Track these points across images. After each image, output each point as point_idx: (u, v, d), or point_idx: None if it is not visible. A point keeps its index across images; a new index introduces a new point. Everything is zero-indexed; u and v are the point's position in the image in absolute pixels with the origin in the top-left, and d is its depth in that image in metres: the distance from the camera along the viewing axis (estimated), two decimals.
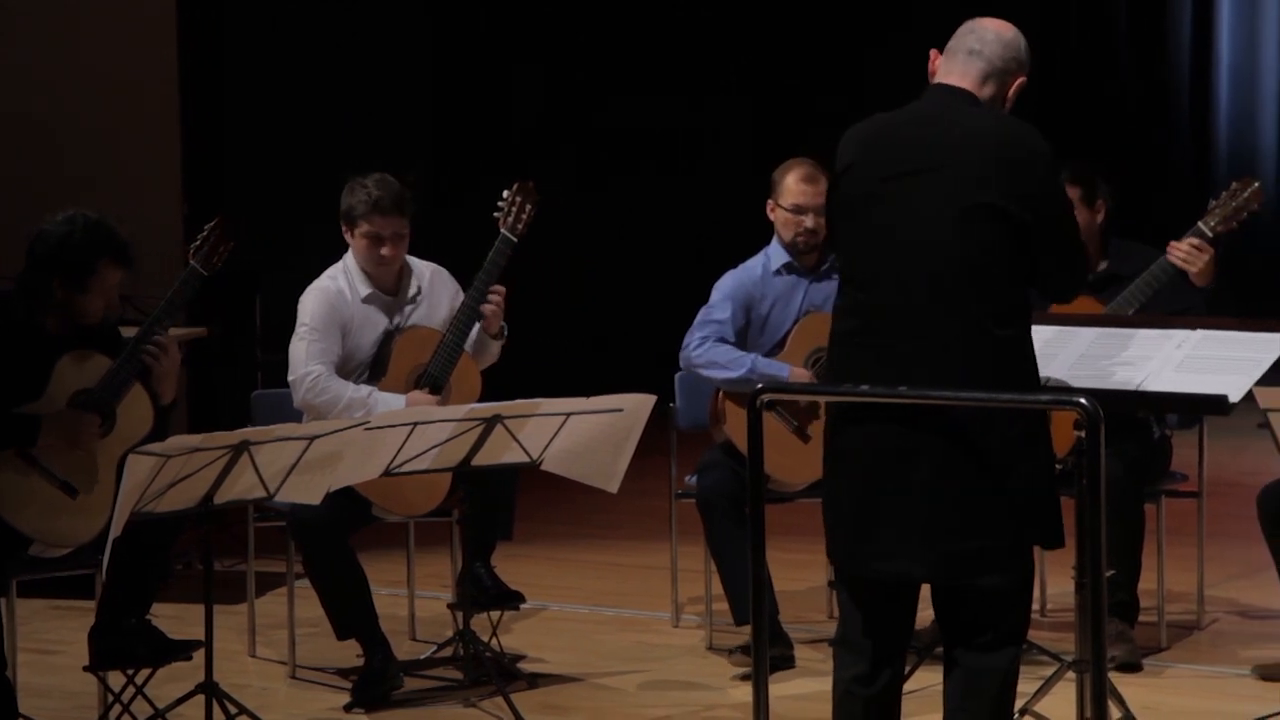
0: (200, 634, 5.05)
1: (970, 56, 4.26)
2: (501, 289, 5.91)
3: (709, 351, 6.03)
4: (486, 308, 5.89)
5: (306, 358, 5.83)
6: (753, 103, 12.76)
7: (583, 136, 12.26)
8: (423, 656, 6.09)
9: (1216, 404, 4.66)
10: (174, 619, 5.84)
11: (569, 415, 5.36)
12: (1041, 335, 4.36)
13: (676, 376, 6.35)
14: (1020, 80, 4.30)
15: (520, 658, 6.11)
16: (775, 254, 6.13)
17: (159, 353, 5.27)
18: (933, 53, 4.34)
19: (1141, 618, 5.98)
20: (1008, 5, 4.43)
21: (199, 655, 5.13)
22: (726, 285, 6.14)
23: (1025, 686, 4.46)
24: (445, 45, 11.65)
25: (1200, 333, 4.85)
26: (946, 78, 4.27)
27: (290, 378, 5.87)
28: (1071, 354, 4.74)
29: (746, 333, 6.10)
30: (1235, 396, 4.65)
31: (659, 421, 5.87)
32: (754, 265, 6.17)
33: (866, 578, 4.24)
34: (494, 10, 11.87)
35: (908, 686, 4.45)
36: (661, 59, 12.44)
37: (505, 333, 5.98)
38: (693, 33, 12.52)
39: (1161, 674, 5.85)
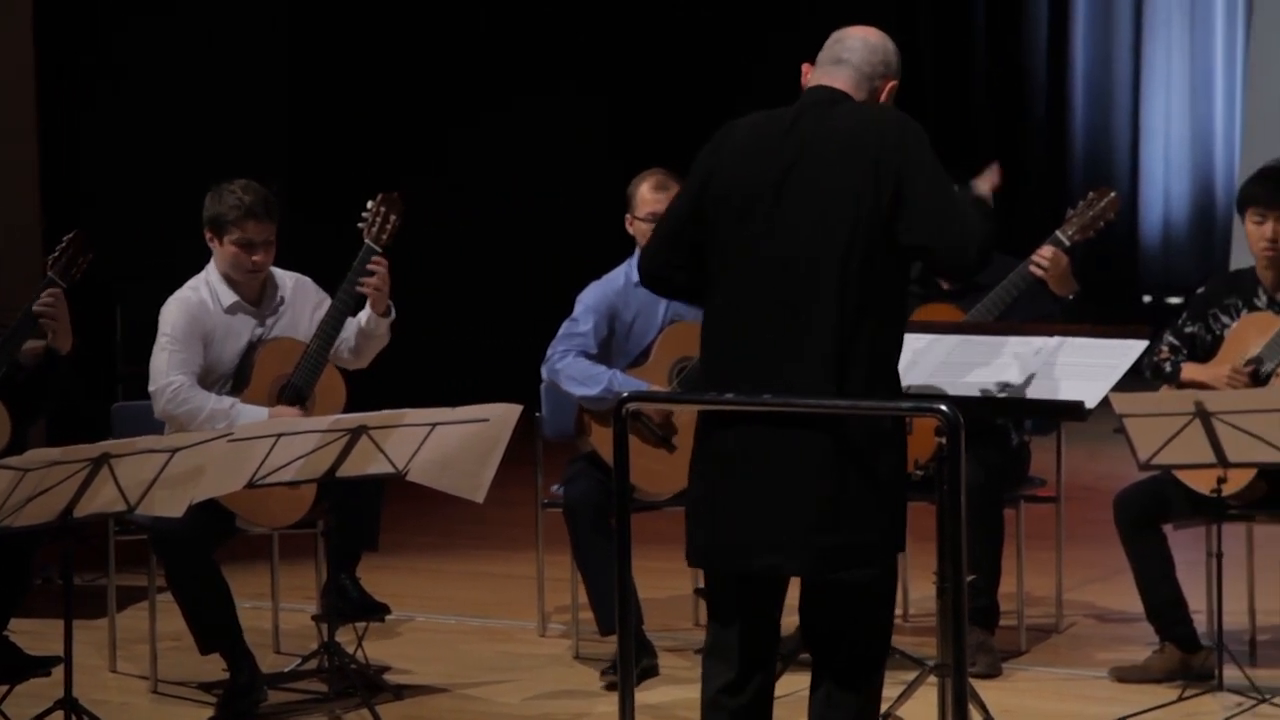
0: (60, 649, 4.99)
1: (838, 65, 4.28)
2: (383, 260, 5.86)
3: (569, 366, 6.05)
4: (369, 281, 5.84)
5: (168, 369, 5.77)
6: (614, 113, 12.79)
7: (447, 146, 12.23)
8: (287, 669, 6.05)
9: (1074, 410, 4.74)
10: (32, 635, 5.77)
11: (434, 426, 5.35)
12: (905, 343, 4.40)
13: (542, 387, 6.36)
14: (891, 85, 4.31)
15: (386, 669, 6.09)
16: (637, 265, 6.15)
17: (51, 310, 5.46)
18: (805, 66, 4.35)
19: (1001, 622, 6.06)
20: (864, 14, 4.45)
21: (58, 671, 5.07)
22: (589, 297, 6.15)
23: (888, 691, 4.50)
24: (301, 53, 11.58)
25: (1057, 340, 4.92)
26: (817, 79, 4.29)
27: (151, 389, 5.81)
28: (933, 361, 4.79)
29: (610, 344, 6.12)
30: (1092, 402, 4.73)
31: (525, 431, 5.87)
32: (616, 276, 6.19)
33: (735, 575, 4.25)
34: (350, 18, 11.82)
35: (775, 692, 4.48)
36: (523, 70, 12.44)
37: (393, 311, 5.94)
38: (554, 43, 12.53)
39: (1021, 677, 5.93)
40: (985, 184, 4.67)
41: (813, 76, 4.30)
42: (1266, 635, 6.24)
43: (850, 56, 4.28)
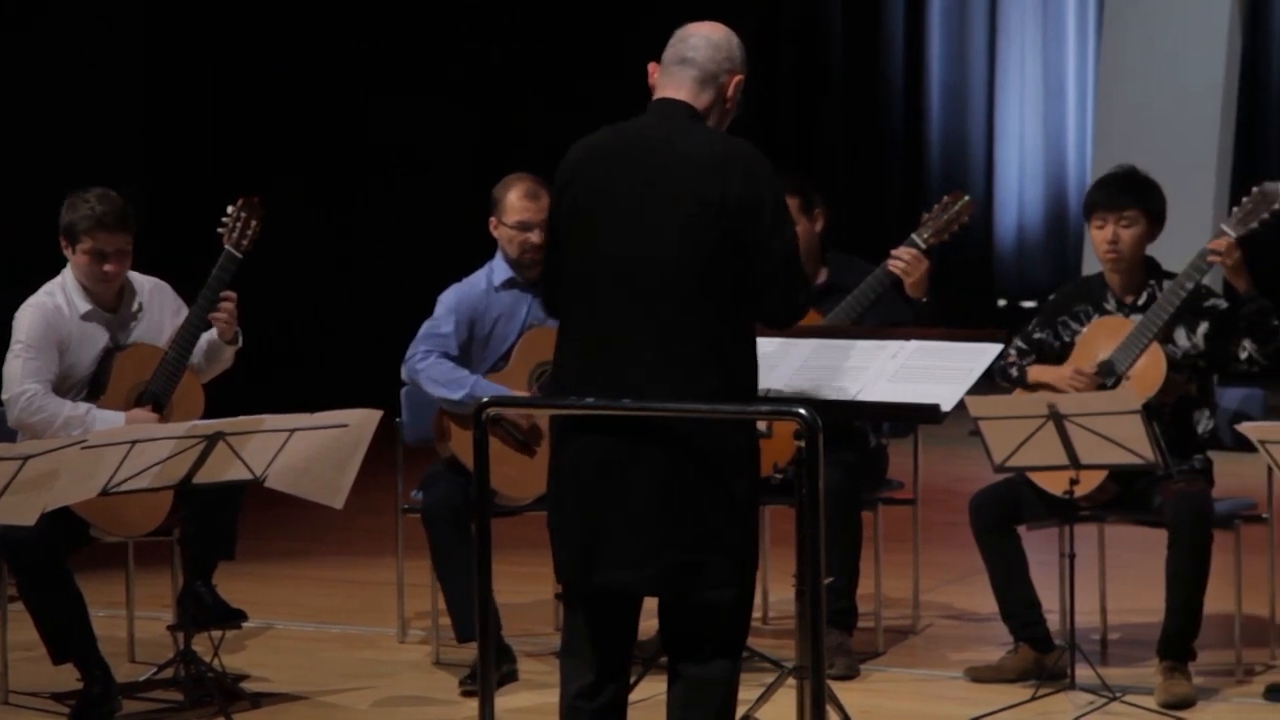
0: None
1: (683, 66, 4.30)
2: (232, 295, 5.83)
3: (431, 367, 6.02)
4: (217, 315, 5.81)
5: (22, 376, 5.69)
6: (475, 117, 12.77)
7: (307, 149, 12.14)
8: (142, 678, 5.98)
9: (930, 413, 4.79)
10: None
11: (293, 431, 5.31)
12: (763, 348, 4.43)
13: (402, 391, 6.33)
14: (738, 79, 4.32)
15: (243, 677, 6.03)
16: (499, 269, 6.15)
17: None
18: (651, 66, 4.38)
19: (859, 623, 6.11)
20: (721, 18, 4.47)
21: None
22: (450, 299, 6.13)
23: (747, 693, 4.54)
24: (157, 59, 11.45)
25: (914, 343, 4.98)
26: (664, 91, 4.32)
27: (4, 396, 5.72)
28: (792, 365, 4.83)
29: (470, 347, 6.10)
30: (947, 405, 4.79)
31: (385, 436, 5.84)
32: (478, 279, 6.17)
33: (589, 591, 4.27)
34: (208, 24, 11.70)
35: (633, 696, 4.49)
36: (384, 73, 12.38)
37: (240, 338, 5.91)
38: (415, 46, 12.48)
39: (878, 678, 5.99)
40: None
41: (660, 78, 4.33)
42: (1117, 634, 6.34)
43: (695, 55, 4.29)
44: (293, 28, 11.99)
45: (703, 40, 4.31)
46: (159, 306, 5.93)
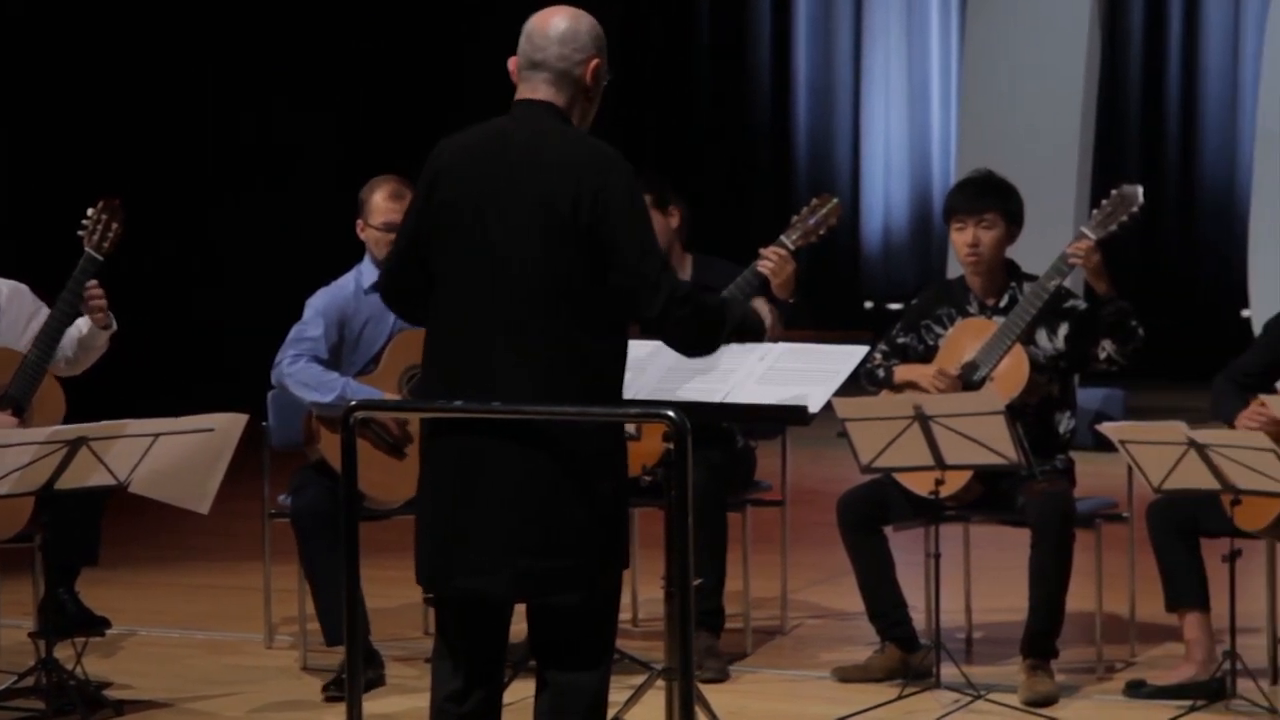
0: None
1: (535, 70, 4.27)
2: (99, 288, 5.75)
3: (300, 371, 5.98)
4: (91, 305, 5.73)
5: None
6: (342, 117, 12.70)
7: (172, 152, 12.02)
8: (3, 687, 5.88)
9: (797, 414, 4.82)
10: None
11: (157, 436, 5.25)
12: (633, 350, 4.44)
13: (269, 395, 6.28)
14: (594, 63, 4.26)
15: (107, 685, 5.95)
16: (367, 271, 6.12)
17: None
18: (511, 62, 4.35)
19: (728, 625, 6.14)
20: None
21: None
22: (319, 302, 6.09)
23: (616, 695, 4.54)
24: (13, 64, 11.28)
25: (782, 345, 5.00)
26: (524, 93, 4.29)
27: None
28: (660, 367, 4.84)
29: (340, 350, 6.07)
30: (815, 407, 4.82)
31: (251, 440, 5.79)
32: (346, 282, 6.14)
33: (449, 596, 4.27)
34: (64, 26, 11.55)
35: (504, 699, 4.48)
36: (249, 74, 12.28)
37: (114, 323, 5.83)
38: (274, 50, 12.39)
39: (747, 679, 6.02)
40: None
41: (519, 82, 4.31)
42: (981, 633, 6.41)
43: (544, 57, 4.26)
44: (152, 28, 11.86)
45: (549, 39, 4.25)
46: (17, 309, 5.84)
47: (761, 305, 4.57)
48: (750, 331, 4.36)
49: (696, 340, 4.26)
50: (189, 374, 11.04)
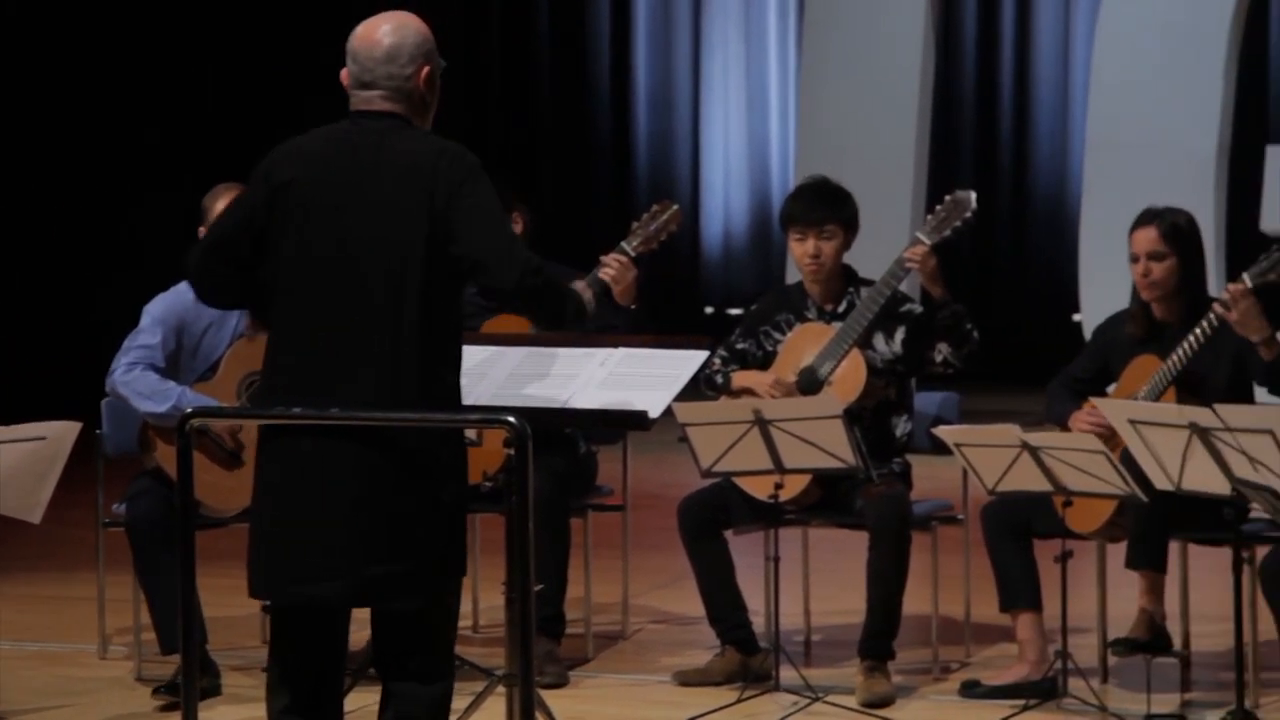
0: None
1: (366, 90, 4.25)
2: None
3: (136, 380, 5.90)
4: None
5: None
6: (179, 123, 12.55)
7: (4, 153, 11.82)
8: None
9: (638, 419, 4.84)
10: None
11: None
12: (473, 356, 4.44)
13: (104, 403, 6.19)
14: (426, 70, 4.25)
15: None
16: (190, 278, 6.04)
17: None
18: (344, 72, 4.33)
19: (569, 630, 6.14)
20: (433, 33, 4.45)
21: None
22: (156, 309, 6.02)
23: (457, 703, 4.52)
24: None
25: (622, 350, 5.03)
26: (360, 106, 4.27)
27: None
28: (501, 373, 4.84)
29: (179, 357, 6.00)
30: (655, 412, 4.84)
31: (85, 449, 5.71)
32: (185, 289, 6.05)
33: (285, 605, 4.23)
34: None
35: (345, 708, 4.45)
36: (84, 77, 12.12)
37: None
38: (112, 51, 12.23)
39: (588, 684, 6.02)
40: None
41: (352, 98, 4.28)
42: (820, 635, 6.46)
43: (374, 79, 4.24)
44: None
45: (375, 60, 4.22)
46: None
47: (580, 283, 4.61)
48: (583, 311, 4.41)
49: (553, 312, 4.29)
50: (19, 380, 10.84)
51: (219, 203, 6.00)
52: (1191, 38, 10.60)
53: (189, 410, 4.38)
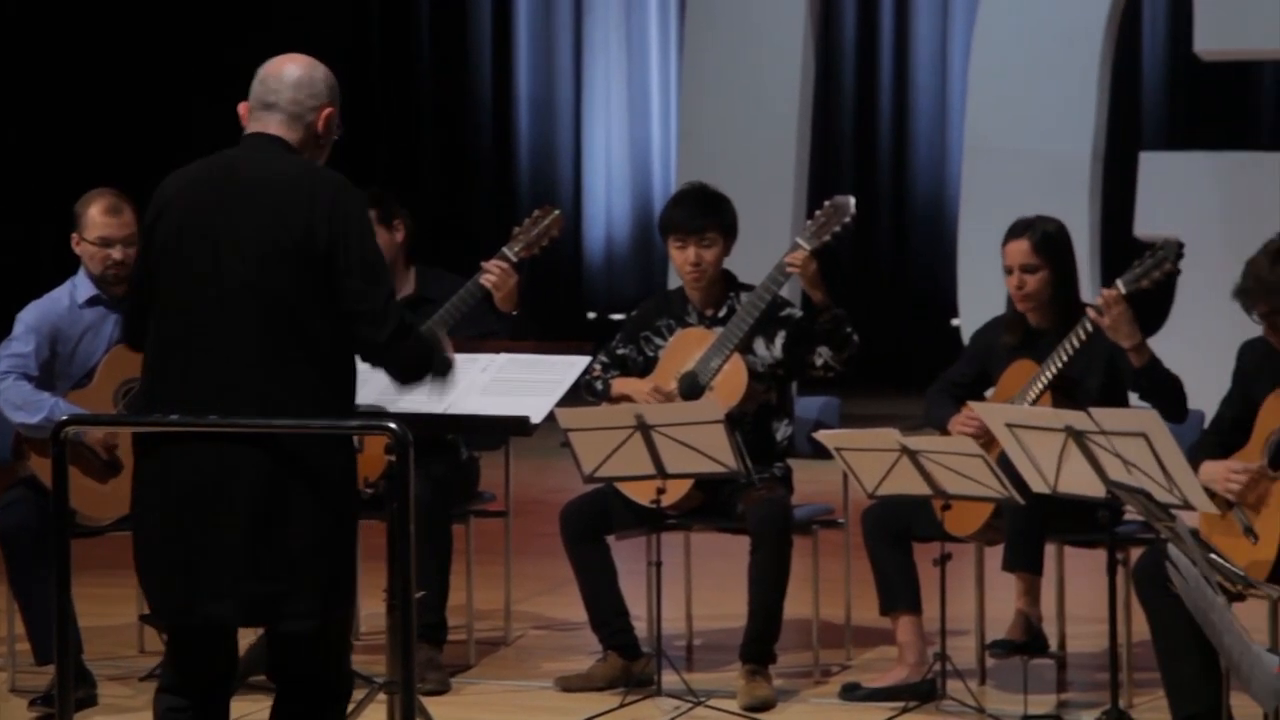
0: None
1: (268, 111, 4.27)
2: None
3: (8, 390, 5.83)
4: None
5: None
6: (59, 129, 12.41)
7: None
8: None
9: (520, 425, 4.84)
10: None
11: None
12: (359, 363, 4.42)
13: None
14: (328, 111, 4.31)
15: None
16: (82, 285, 5.98)
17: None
18: (241, 106, 4.34)
19: (451, 636, 6.12)
20: (313, 40, 4.44)
21: None
22: (29, 317, 5.95)
23: None
24: None
25: (504, 356, 5.02)
26: (254, 128, 4.29)
27: None
28: (383, 379, 4.81)
29: (53, 365, 5.92)
30: (537, 417, 4.85)
31: None
32: (60, 296, 6.00)
33: (177, 622, 4.21)
34: None
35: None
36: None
37: None
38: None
39: (470, 691, 6.01)
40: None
41: (249, 122, 4.29)
42: (701, 640, 6.48)
43: (278, 100, 4.26)
44: None
45: (283, 82, 4.26)
46: None
47: (445, 341, 4.58)
48: (445, 369, 4.39)
49: (414, 372, 4.30)
50: None
51: (90, 209, 5.95)
52: (1065, 45, 10.73)
53: (64, 418, 4.33)
